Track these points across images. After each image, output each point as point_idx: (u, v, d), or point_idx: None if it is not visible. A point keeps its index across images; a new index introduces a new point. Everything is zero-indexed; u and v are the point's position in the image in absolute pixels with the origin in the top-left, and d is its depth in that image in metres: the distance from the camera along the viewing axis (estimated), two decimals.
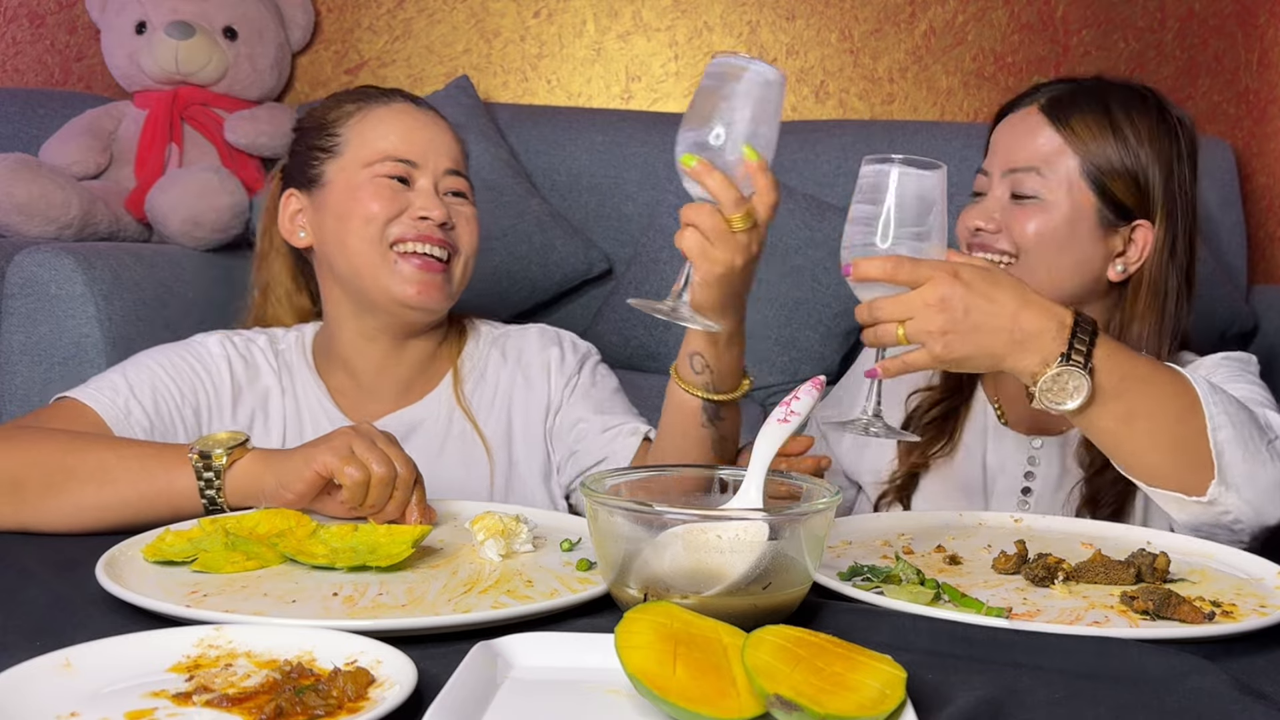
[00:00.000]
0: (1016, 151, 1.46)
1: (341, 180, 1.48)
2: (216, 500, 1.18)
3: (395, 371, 1.52)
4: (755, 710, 0.73)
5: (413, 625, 0.89)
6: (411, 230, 1.44)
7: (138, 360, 1.45)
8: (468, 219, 1.50)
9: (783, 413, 1.02)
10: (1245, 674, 0.86)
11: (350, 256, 1.45)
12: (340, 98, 1.56)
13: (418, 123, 1.50)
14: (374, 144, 1.47)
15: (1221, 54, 2.79)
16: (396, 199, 1.45)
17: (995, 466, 1.52)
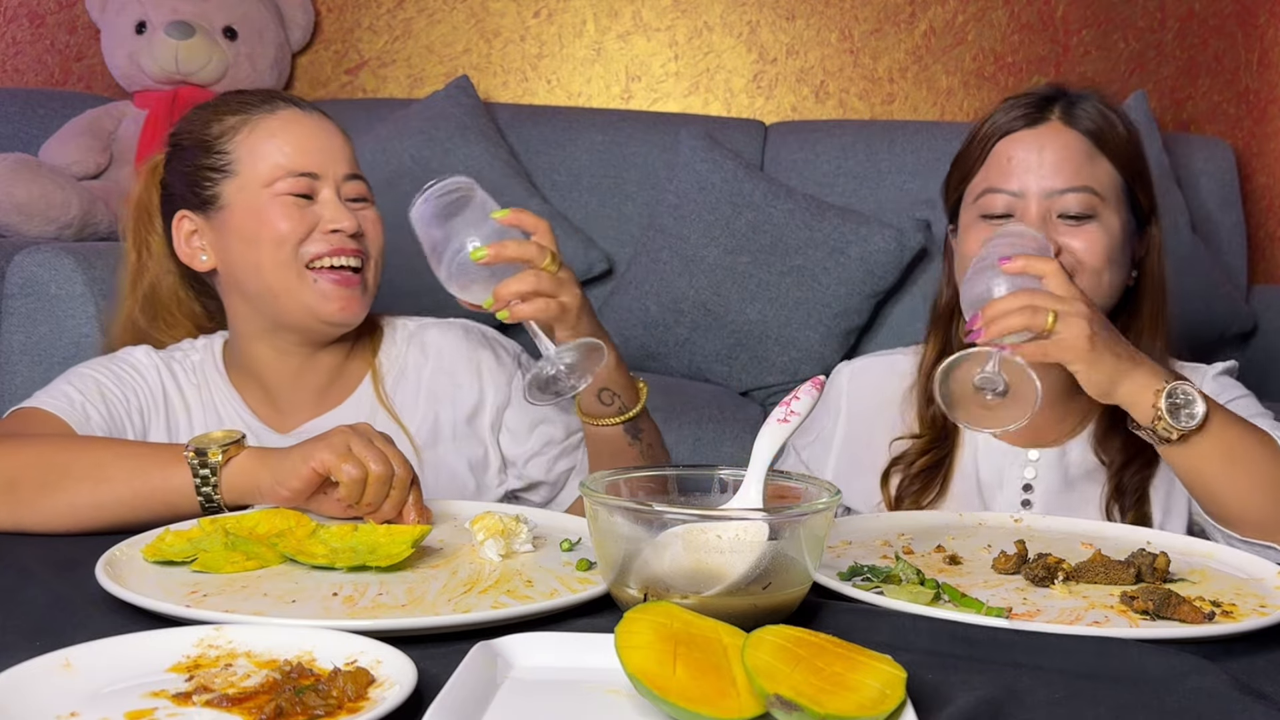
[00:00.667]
0: (1062, 171, 1.40)
1: (241, 202, 1.43)
2: (213, 498, 1.18)
3: (311, 381, 1.49)
4: (755, 710, 0.73)
5: (412, 625, 0.89)
6: (325, 246, 1.41)
7: (77, 371, 1.44)
8: (373, 222, 1.47)
9: (783, 412, 1.01)
10: (1245, 674, 0.86)
11: (264, 279, 1.42)
12: (218, 108, 1.49)
13: (309, 131, 1.46)
14: (269, 159, 1.43)
15: (1222, 54, 2.79)
16: (304, 216, 1.41)
17: (990, 482, 1.49)
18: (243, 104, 1.48)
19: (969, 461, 1.50)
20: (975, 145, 1.47)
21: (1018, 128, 1.43)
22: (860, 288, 2.43)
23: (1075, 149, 1.41)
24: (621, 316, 2.52)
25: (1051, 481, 1.48)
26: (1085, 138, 1.41)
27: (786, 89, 2.90)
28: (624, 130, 2.68)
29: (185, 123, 1.52)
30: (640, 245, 2.55)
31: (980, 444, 1.51)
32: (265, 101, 1.48)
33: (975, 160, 1.46)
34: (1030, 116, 1.44)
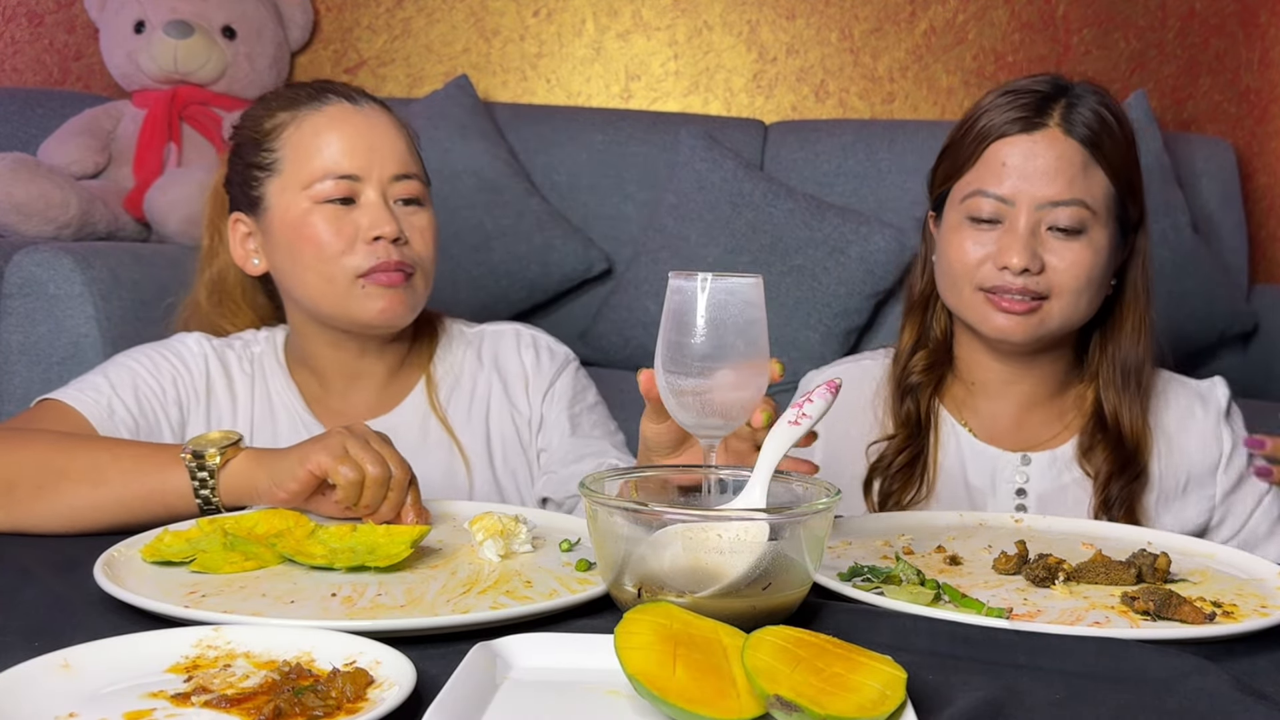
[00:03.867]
0: (1056, 182, 1.37)
1: (283, 205, 1.40)
2: (211, 500, 1.18)
3: (366, 377, 1.49)
4: (755, 711, 0.72)
5: (411, 626, 0.88)
6: (370, 260, 1.37)
7: (117, 361, 1.43)
8: (421, 230, 1.42)
9: (794, 414, 1.00)
10: (1246, 674, 0.85)
11: (308, 290, 1.40)
12: (271, 103, 1.45)
13: (356, 128, 1.40)
14: (311, 160, 1.38)
15: (1222, 53, 2.79)
16: (344, 225, 1.37)
17: (982, 487, 1.48)
18: (294, 98, 1.44)
19: (954, 463, 1.49)
20: (969, 142, 1.43)
21: (1014, 131, 1.40)
22: (860, 288, 2.43)
23: (1071, 159, 1.38)
24: (621, 316, 2.52)
25: (1045, 486, 1.47)
26: (1083, 147, 1.38)
27: (786, 88, 2.90)
28: (623, 130, 2.67)
29: (244, 116, 1.48)
30: (640, 245, 2.55)
31: (966, 447, 1.50)
32: (316, 95, 1.43)
33: (967, 158, 1.43)
34: (1028, 121, 1.39)
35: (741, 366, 0.98)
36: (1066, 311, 1.40)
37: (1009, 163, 1.39)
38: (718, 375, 0.97)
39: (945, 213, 1.47)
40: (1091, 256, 1.38)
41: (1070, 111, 1.40)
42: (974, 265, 1.40)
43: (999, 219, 1.39)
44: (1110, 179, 1.40)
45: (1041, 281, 1.38)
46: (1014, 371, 1.48)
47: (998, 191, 1.39)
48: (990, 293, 1.39)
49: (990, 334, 1.41)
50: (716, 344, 0.97)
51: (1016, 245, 1.36)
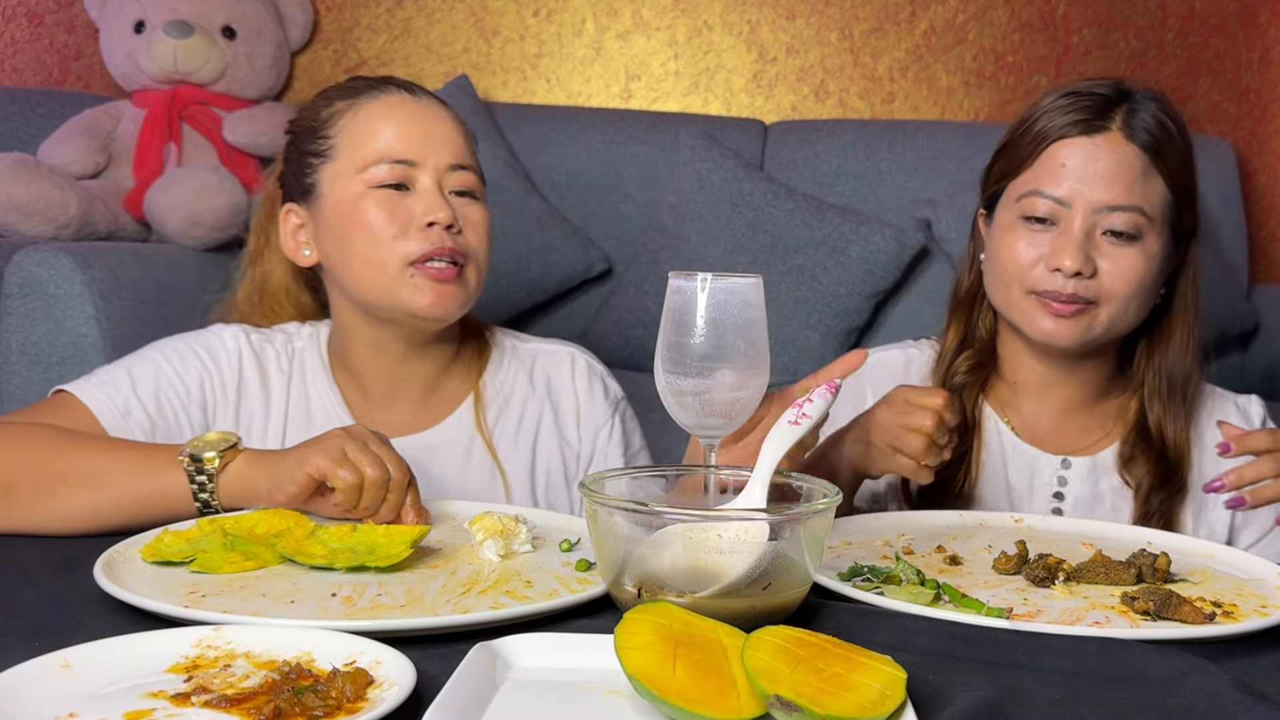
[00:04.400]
0: (1115, 186, 1.36)
1: (336, 191, 1.37)
2: (211, 503, 1.17)
3: (409, 387, 1.44)
4: (755, 711, 0.72)
5: (411, 626, 0.88)
6: (423, 245, 1.33)
7: (146, 354, 1.39)
8: (475, 223, 1.38)
9: (794, 414, 1.00)
10: (1246, 674, 0.85)
11: (357, 279, 1.36)
12: (331, 94, 1.45)
13: (414, 115, 1.38)
14: (367, 144, 1.36)
15: (1222, 53, 2.79)
16: (398, 210, 1.34)
17: (1020, 488, 1.48)
18: (353, 89, 1.43)
19: (995, 461, 1.49)
20: (1027, 141, 1.42)
21: (1074, 133, 1.38)
22: (860, 288, 2.43)
23: (1131, 164, 1.36)
24: (621, 316, 2.52)
25: (1083, 492, 1.46)
26: (1143, 153, 1.37)
27: (786, 88, 2.90)
28: (623, 130, 2.67)
29: (303, 108, 1.47)
30: (640, 245, 2.55)
31: (1008, 445, 1.49)
32: (375, 86, 1.42)
33: (1025, 158, 1.41)
34: (1090, 124, 1.38)
35: (741, 366, 0.98)
36: (1114, 317, 1.39)
37: (1068, 164, 1.38)
38: (718, 375, 0.98)
39: (998, 212, 1.45)
40: (1144, 264, 1.37)
41: (1132, 116, 1.38)
42: (1026, 266, 1.39)
43: (1054, 220, 1.38)
44: (1168, 186, 1.39)
45: (1091, 287, 1.36)
46: (1056, 374, 1.47)
47: (1054, 193, 1.38)
48: (1039, 295, 1.38)
49: (1036, 337, 1.40)
50: (716, 344, 0.97)
51: (1070, 248, 1.35)
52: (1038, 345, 1.43)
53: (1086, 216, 1.36)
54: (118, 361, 1.39)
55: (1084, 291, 1.36)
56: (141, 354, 1.40)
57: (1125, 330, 1.42)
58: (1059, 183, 1.38)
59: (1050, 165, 1.39)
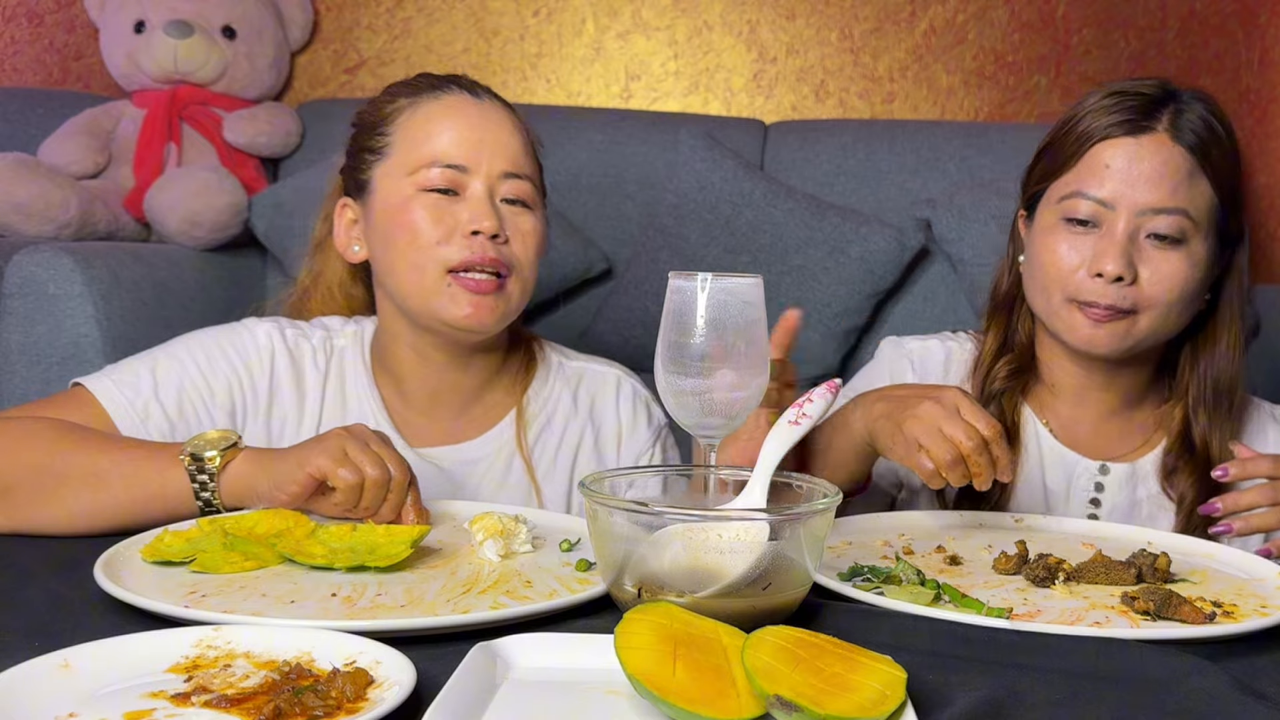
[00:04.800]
0: (1160, 188, 1.33)
1: (386, 189, 1.35)
2: (212, 502, 1.17)
3: (451, 394, 1.42)
4: (755, 711, 0.72)
5: (411, 626, 0.88)
6: (464, 253, 1.30)
7: (173, 351, 1.36)
8: (524, 234, 1.34)
9: (794, 414, 1.00)
10: (1246, 674, 0.85)
11: (398, 281, 1.34)
12: (395, 90, 1.42)
13: (470, 119, 1.35)
14: (420, 146, 1.34)
15: (1222, 53, 2.79)
16: (444, 216, 1.32)
17: (1057, 491, 1.46)
18: (416, 86, 1.40)
19: (1033, 464, 1.46)
20: (1070, 141, 1.39)
21: (1119, 134, 1.35)
22: (860, 288, 2.42)
23: (1177, 166, 1.33)
24: (621, 316, 2.51)
25: (1120, 499, 1.44)
26: (1190, 155, 1.34)
27: (786, 88, 2.90)
28: (623, 130, 2.67)
29: (368, 102, 1.45)
30: (640, 245, 2.55)
31: (1046, 448, 1.47)
32: (437, 85, 1.39)
33: (1068, 158, 1.38)
34: (1135, 124, 1.35)
35: (742, 366, 0.98)
36: (1155, 324, 1.36)
37: (1112, 165, 1.34)
38: (718, 375, 0.98)
39: (1039, 212, 1.42)
40: (1188, 269, 1.34)
41: (1179, 117, 1.36)
42: (1067, 272, 1.36)
43: (1096, 222, 1.35)
44: (1215, 190, 1.36)
45: (1131, 294, 1.34)
46: (1096, 379, 1.45)
47: (1098, 194, 1.35)
48: (1079, 304, 1.36)
49: (1076, 344, 1.38)
50: (716, 344, 0.97)
51: (1113, 251, 1.32)
52: (1077, 351, 1.41)
53: (1130, 219, 1.33)
54: (143, 356, 1.36)
55: (1122, 302, 1.33)
56: (169, 350, 1.36)
57: (1167, 337, 1.40)
58: (1102, 184, 1.35)
59: (1094, 166, 1.36)
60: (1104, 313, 1.34)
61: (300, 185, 2.50)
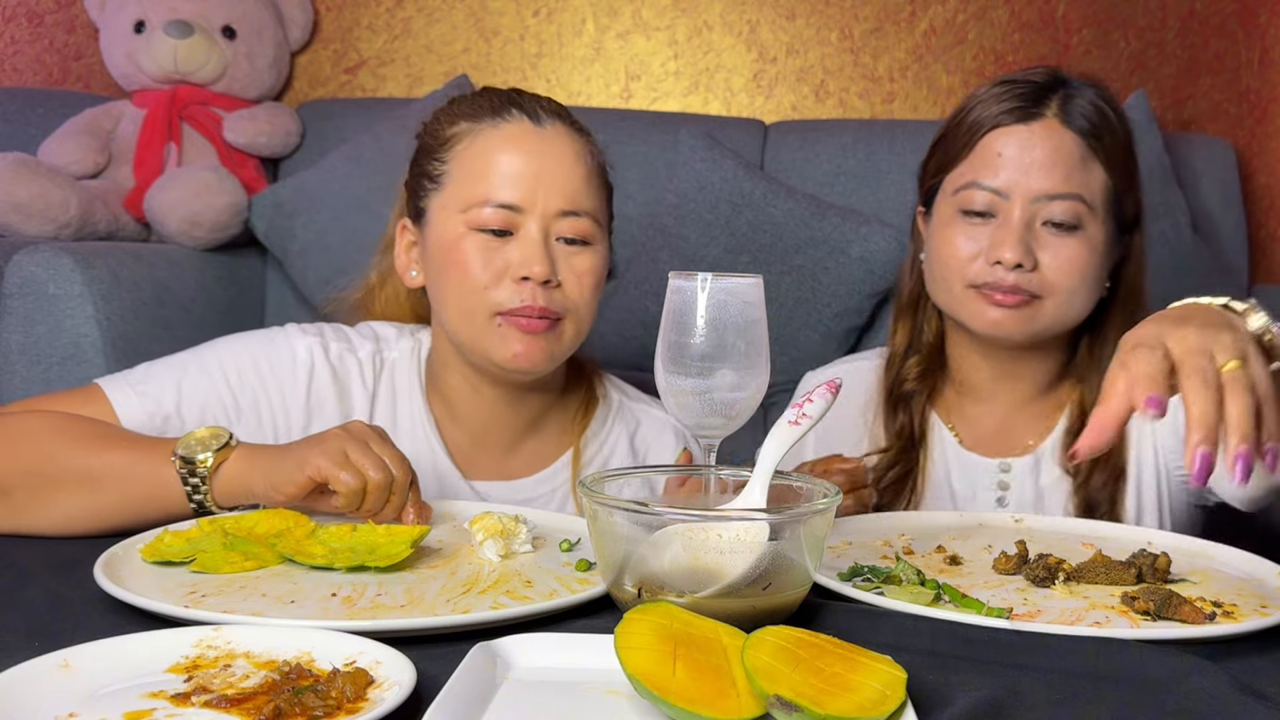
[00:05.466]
0: (1053, 174, 1.33)
1: (440, 223, 1.31)
2: (205, 504, 1.16)
3: (502, 428, 1.39)
4: (755, 711, 0.72)
5: (411, 626, 0.88)
6: (513, 299, 1.26)
7: (205, 361, 1.31)
8: (580, 274, 1.29)
9: (794, 414, 1.00)
10: (1246, 674, 0.85)
11: (449, 318, 1.31)
12: (457, 110, 1.35)
13: (529, 154, 1.29)
14: (475, 183, 1.28)
15: (1222, 53, 2.79)
16: (495, 258, 1.27)
17: (964, 494, 1.47)
18: (478, 109, 1.33)
19: (940, 472, 1.48)
20: (961, 132, 1.39)
21: (1010, 121, 1.35)
22: (860, 288, 2.42)
23: (1069, 151, 1.34)
24: (621, 316, 2.51)
25: (1025, 491, 1.44)
26: (1081, 139, 1.34)
27: (786, 88, 2.90)
28: (624, 130, 2.67)
29: (434, 115, 1.38)
30: (640, 245, 2.55)
31: (952, 455, 1.48)
32: (499, 109, 1.32)
33: (960, 149, 1.38)
34: (1025, 111, 1.35)
35: (741, 366, 0.98)
36: (1060, 310, 1.36)
37: (1004, 153, 1.34)
38: (718, 375, 0.98)
39: (936, 207, 1.43)
40: (1087, 254, 1.34)
41: (1068, 103, 1.36)
42: (965, 260, 1.36)
43: (992, 212, 1.35)
44: (1108, 173, 1.36)
45: (1034, 280, 1.34)
46: (1004, 370, 1.45)
47: (992, 183, 1.35)
48: (981, 289, 1.35)
49: (983, 330, 1.37)
50: (716, 344, 0.97)
51: (1010, 239, 1.32)
52: (985, 341, 1.41)
53: (1025, 207, 1.33)
54: (174, 362, 1.31)
55: (1026, 284, 1.33)
56: (200, 359, 1.31)
57: (1073, 323, 1.40)
58: (996, 173, 1.34)
59: (986, 155, 1.35)
60: (1008, 296, 1.33)
61: (300, 185, 2.50)
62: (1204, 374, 0.82)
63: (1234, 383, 0.82)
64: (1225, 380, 0.82)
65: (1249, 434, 0.80)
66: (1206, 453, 0.80)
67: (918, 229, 1.50)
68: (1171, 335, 0.84)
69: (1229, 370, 0.83)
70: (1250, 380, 0.82)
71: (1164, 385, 0.82)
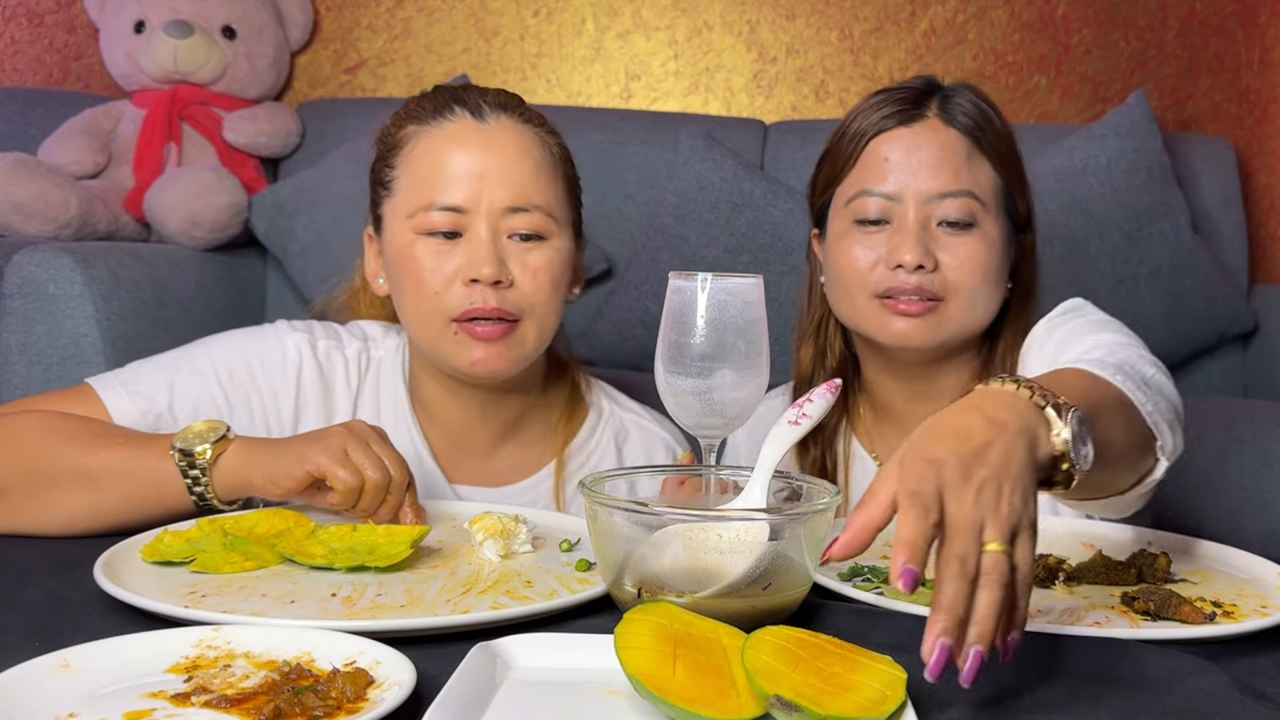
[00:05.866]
0: (941, 173, 1.32)
1: (393, 231, 1.29)
2: (206, 496, 1.15)
3: (481, 430, 1.37)
4: (755, 711, 0.72)
5: (411, 626, 0.88)
6: (464, 302, 1.24)
7: (196, 360, 1.30)
8: (535, 270, 1.26)
9: (794, 414, 1.00)
10: (1246, 674, 0.85)
11: (410, 326, 1.31)
12: (403, 114, 1.33)
13: (471, 151, 1.26)
14: (420, 188, 1.26)
15: (1222, 53, 2.79)
16: (445, 264, 1.25)
17: None
18: (421, 110, 1.31)
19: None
20: (846, 143, 1.38)
21: (891, 125, 1.35)
22: None
23: (954, 149, 1.34)
24: (621, 316, 2.51)
25: None
26: (964, 137, 1.34)
27: (786, 88, 2.90)
28: (624, 130, 2.67)
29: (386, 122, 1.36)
30: (640, 245, 2.55)
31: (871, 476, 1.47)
32: (441, 109, 1.30)
33: (846, 160, 1.38)
34: (905, 114, 1.35)
35: (741, 366, 0.98)
36: (964, 313, 1.35)
37: (891, 158, 1.34)
38: (718, 375, 0.98)
39: (830, 222, 1.42)
40: (985, 250, 1.34)
41: (947, 103, 1.37)
42: (866, 270, 1.35)
43: (887, 219, 1.35)
44: (996, 171, 1.36)
45: (936, 280, 1.33)
46: (918, 391, 1.43)
47: (882, 189, 1.34)
48: (885, 297, 1.34)
49: (889, 341, 1.35)
50: (716, 344, 0.97)
51: (908, 242, 1.31)
52: (894, 356, 1.39)
53: (919, 208, 1.33)
54: (164, 361, 1.31)
55: (930, 285, 1.32)
56: (192, 359, 1.31)
57: (979, 327, 1.39)
58: (885, 178, 1.34)
59: (874, 162, 1.35)
60: (914, 304, 1.32)
61: (300, 185, 2.50)
62: (963, 561, 0.75)
63: (991, 571, 0.75)
64: (984, 566, 0.76)
65: (987, 634, 0.74)
66: (946, 644, 0.73)
67: (813, 252, 1.49)
68: (952, 491, 0.76)
69: (990, 553, 0.76)
70: (1006, 569, 0.76)
71: (924, 554, 0.75)
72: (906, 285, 1.32)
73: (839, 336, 1.48)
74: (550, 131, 1.35)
